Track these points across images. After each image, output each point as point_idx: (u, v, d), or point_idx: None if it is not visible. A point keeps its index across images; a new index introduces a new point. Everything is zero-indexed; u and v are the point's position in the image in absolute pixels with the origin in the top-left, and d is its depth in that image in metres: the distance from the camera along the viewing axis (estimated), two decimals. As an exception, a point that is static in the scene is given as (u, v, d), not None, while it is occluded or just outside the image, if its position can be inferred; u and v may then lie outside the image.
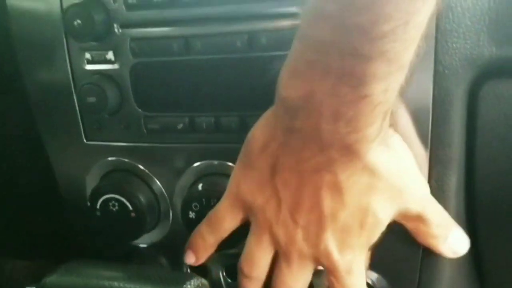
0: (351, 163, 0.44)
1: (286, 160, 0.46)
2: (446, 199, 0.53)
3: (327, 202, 0.46)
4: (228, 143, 0.58)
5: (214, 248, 0.54)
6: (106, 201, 0.61)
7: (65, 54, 0.60)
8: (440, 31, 0.48)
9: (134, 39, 0.57)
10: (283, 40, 0.52)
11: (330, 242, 0.47)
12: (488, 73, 0.50)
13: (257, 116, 0.52)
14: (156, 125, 0.59)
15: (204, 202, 0.57)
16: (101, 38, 0.57)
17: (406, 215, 0.49)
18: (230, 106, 0.57)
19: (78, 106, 0.61)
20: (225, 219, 0.52)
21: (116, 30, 0.57)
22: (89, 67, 0.60)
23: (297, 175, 0.46)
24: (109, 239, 0.63)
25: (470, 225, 0.56)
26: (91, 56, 0.59)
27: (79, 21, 0.55)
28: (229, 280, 0.65)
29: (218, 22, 0.54)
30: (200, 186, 0.58)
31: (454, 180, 0.53)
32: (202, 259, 0.55)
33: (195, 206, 0.58)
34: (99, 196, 0.61)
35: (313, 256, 0.49)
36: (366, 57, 0.37)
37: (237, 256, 0.53)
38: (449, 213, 0.52)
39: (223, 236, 0.53)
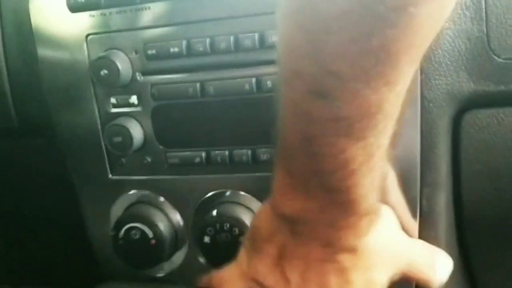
0: (352, 253, 0.46)
1: (292, 249, 0.48)
2: (436, 216, 0.59)
3: (334, 285, 0.48)
4: (241, 173, 0.64)
5: None
6: (129, 230, 0.67)
7: (92, 99, 0.67)
8: (424, 70, 0.55)
9: (154, 85, 0.64)
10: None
11: None
12: (468, 105, 0.57)
13: (266, 149, 0.61)
14: (176, 159, 0.66)
15: (218, 227, 0.63)
16: (125, 85, 0.64)
17: (399, 273, 0.51)
18: (242, 141, 0.63)
19: (105, 145, 0.67)
20: (228, 284, 0.53)
21: (138, 77, 0.64)
22: (115, 110, 0.66)
23: (304, 262, 0.47)
24: (131, 266, 0.69)
25: (461, 237, 0.62)
26: (116, 100, 0.66)
27: (105, 71, 0.62)
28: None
29: (228, 68, 0.61)
30: (214, 212, 0.64)
31: (443, 199, 0.59)
32: None
33: (210, 231, 0.64)
34: (122, 225, 0.67)
35: None
36: (344, 190, 0.40)
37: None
38: (440, 227, 0.58)
39: None
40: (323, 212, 0.43)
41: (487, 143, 0.58)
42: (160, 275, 0.73)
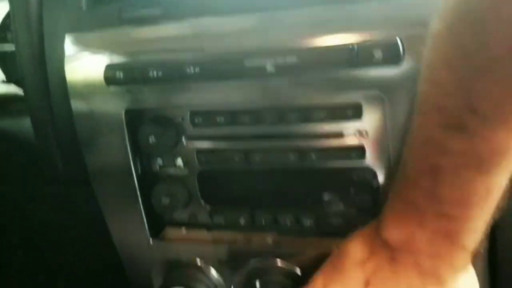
0: (446, 286, 0.48)
1: (383, 277, 0.49)
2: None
3: None
4: (283, 237, 0.67)
5: None
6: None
7: (136, 160, 0.69)
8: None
9: (200, 150, 0.66)
10: (330, 156, 0.61)
11: None
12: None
13: (308, 214, 0.63)
14: (222, 219, 0.68)
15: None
16: (171, 148, 0.66)
17: None
18: (286, 205, 0.66)
19: (144, 208, 0.70)
20: None
21: (183, 141, 0.66)
22: (160, 171, 0.68)
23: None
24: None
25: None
26: (163, 162, 0.69)
27: (153, 139, 0.65)
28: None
29: (273, 139, 0.63)
30: (257, 284, 0.67)
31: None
32: None
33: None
34: (167, 289, 0.69)
35: None
36: (459, 220, 0.43)
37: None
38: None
39: None
40: (431, 241, 0.46)
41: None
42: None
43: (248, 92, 0.59)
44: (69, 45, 0.65)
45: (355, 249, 0.52)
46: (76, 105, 0.66)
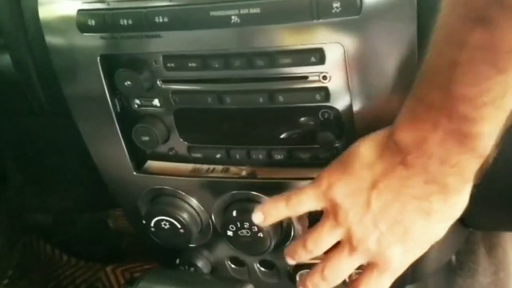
0: (448, 198, 0.50)
1: (389, 182, 0.51)
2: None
3: (416, 225, 0.52)
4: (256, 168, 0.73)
5: (282, 218, 0.61)
6: (158, 221, 0.77)
7: (114, 100, 0.73)
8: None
9: (174, 92, 0.70)
10: (296, 97, 0.65)
11: (398, 254, 0.54)
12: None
13: (280, 150, 0.68)
14: (199, 155, 0.74)
15: (239, 225, 0.72)
16: (147, 90, 0.70)
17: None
18: (259, 142, 0.71)
19: (126, 143, 0.75)
20: (304, 205, 0.57)
21: (159, 84, 0.70)
22: (138, 109, 0.73)
23: (394, 194, 0.51)
24: (164, 245, 0.79)
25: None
26: (140, 102, 0.73)
27: (128, 82, 0.68)
28: (263, 269, 0.84)
29: (243, 81, 0.67)
30: (234, 213, 0.73)
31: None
32: (268, 223, 0.61)
33: (232, 227, 0.73)
34: (152, 217, 0.77)
35: (374, 255, 0.55)
36: (471, 120, 0.43)
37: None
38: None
39: (295, 215, 0.62)
40: (443, 144, 0.46)
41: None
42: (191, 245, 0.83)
43: (216, 39, 0.62)
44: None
45: (366, 151, 0.53)
46: (52, 47, 0.69)
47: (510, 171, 0.69)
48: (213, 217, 0.77)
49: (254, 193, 0.72)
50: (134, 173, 0.77)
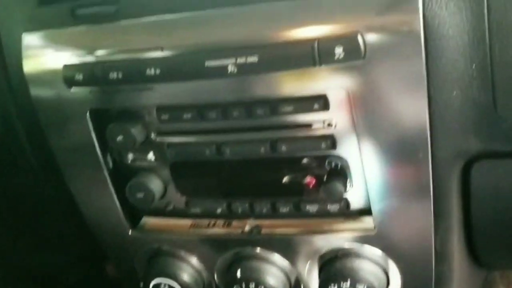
0: None
1: None
2: (449, 259, 0.64)
3: None
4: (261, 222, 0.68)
5: None
6: (157, 285, 0.72)
7: (106, 156, 0.69)
8: (434, 133, 0.57)
9: (170, 144, 0.65)
10: (300, 146, 0.61)
11: None
12: (477, 158, 0.60)
13: (285, 202, 0.64)
14: (198, 209, 0.69)
15: (244, 285, 0.67)
16: (140, 144, 0.66)
17: None
18: (262, 193, 0.66)
19: (120, 202, 0.70)
20: None
21: (153, 136, 0.66)
22: (132, 164, 0.68)
23: None
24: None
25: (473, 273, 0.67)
26: (134, 156, 0.68)
27: (121, 137, 0.64)
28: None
29: (243, 131, 0.63)
30: (238, 272, 0.68)
31: (455, 241, 0.63)
32: None
33: (236, 287, 0.67)
34: (149, 279, 0.72)
35: None
36: None
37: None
38: (453, 264, 0.63)
39: None
40: None
41: (496, 190, 0.60)
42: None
43: (213, 89, 0.59)
44: (25, 45, 0.63)
45: None
46: (38, 101, 0.65)
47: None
48: (215, 277, 0.72)
49: (259, 249, 0.67)
50: (130, 232, 0.72)
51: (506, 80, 0.54)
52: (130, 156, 0.68)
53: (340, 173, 0.62)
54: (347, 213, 0.65)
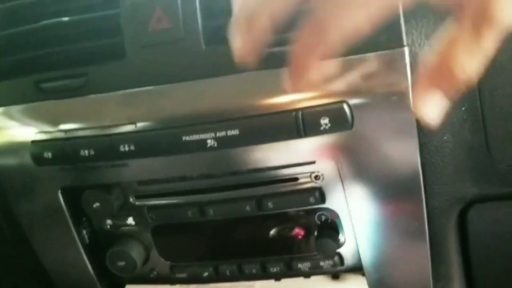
0: None
1: None
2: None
3: None
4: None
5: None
6: None
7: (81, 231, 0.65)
8: (427, 180, 0.55)
9: (150, 208, 0.62)
10: (287, 201, 0.57)
11: None
12: (473, 202, 0.57)
13: (276, 261, 0.60)
14: (184, 274, 0.65)
15: None
16: (119, 208, 0.62)
17: None
18: (251, 254, 0.63)
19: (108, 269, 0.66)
20: None
21: (132, 200, 0.62)
22: (111, 230, 0.64)
23: None
24: None
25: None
26: (113, 222, 0.64)
27: (97, 204, 0.60)
28: None
29: (226, 190, 0.59)
30: None
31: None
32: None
33: None
34: None
35: None
36: None
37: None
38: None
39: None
40: None
41: (494, 234, 0.58)
42: None
43: (191, 164, 0.56)
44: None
45: None
46: (6, 177, 0.61)
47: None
48: None
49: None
50: (112, 303, 0.66)
51: (498, 121, 0.52)
52: (109, 222, 0.64)
53: (332, 227, 0.58)
54: (342, 270, 0.60)
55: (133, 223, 0.64)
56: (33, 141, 0.56)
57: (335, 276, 0.63)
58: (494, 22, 0.33)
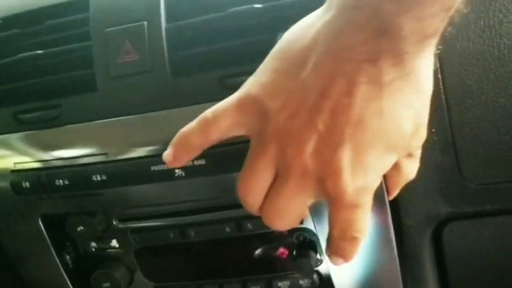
0: (401, 62, 0.36)
1: (326, 43, 0.37)
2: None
3: (358, 105, 0.36)
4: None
5: (196, 153, 0.43)
6: None
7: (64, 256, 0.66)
8: (401, 200, 0.55)
9: (133, 230, 0.63)
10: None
11: (345, 160, 0.37)
12: (447, 220, 0.58)
13: (257, 281, 0.61)
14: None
15: None
16: (103, 231, 0.63)
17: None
18: (232, 274, 0.64)
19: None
20: (222, 118, 0.42)
21: (115, 223, 0.63)
22: (95, 252, 0.65)
23: (333, 60, 0.37)
24: None
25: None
26: (97, 245, 0.65)
27: (81, 228, 0.61)
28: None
29: (207, 211, 0.60)
30: None
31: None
32: (180, 162, 0.44)
33: None
34: None
35: (317, 176, 0.38)
36: None
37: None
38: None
39: (211, 139, 0.43)
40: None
41: (470, 251, 0.59)
42: None
43: (163, 192, 0.57)
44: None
45: (299, 37, 0.41)
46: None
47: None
48: None
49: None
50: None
51: (467, 141, 0.52)
52: (93, 245, 0.65)
53: (310, 246, 0.59)
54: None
55: (117, 245, 0.65)
56: (12, 171, 0.57)
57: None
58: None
